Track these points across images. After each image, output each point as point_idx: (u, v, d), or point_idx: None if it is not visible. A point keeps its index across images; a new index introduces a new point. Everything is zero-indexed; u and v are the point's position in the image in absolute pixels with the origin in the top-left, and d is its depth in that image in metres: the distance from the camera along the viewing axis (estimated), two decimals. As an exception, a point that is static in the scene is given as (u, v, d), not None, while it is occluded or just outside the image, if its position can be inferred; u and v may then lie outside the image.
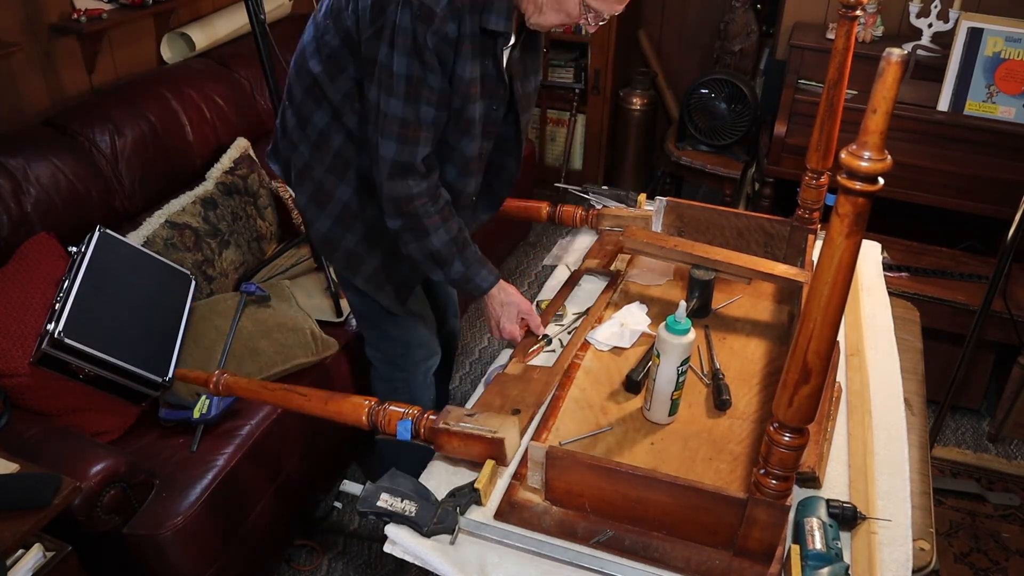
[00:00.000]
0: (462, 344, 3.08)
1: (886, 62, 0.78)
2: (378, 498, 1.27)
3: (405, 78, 1.42)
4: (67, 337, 1.78)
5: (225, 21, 2.91)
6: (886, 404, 1.53)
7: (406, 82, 1.42)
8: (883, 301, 1.83)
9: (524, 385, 1.49)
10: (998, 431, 2.70)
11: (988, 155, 2.75)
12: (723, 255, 1.68)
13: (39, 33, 2.35)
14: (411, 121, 1.45)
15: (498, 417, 1.36)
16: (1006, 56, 2.67)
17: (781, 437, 1.08)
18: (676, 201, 1.91)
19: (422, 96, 1.44)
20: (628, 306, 1.70)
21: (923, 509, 1.46)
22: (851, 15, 1.57)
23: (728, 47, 3.50)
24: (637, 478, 1.22)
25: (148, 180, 2.41)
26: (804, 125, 2.86)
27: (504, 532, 1.26)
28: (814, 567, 1.14)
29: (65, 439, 1.77)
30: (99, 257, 2.00)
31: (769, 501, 1.13)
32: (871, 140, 0.81)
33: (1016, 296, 2.58)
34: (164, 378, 1.95)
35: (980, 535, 2.39)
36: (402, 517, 1.26)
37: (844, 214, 0.87)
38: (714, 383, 1.52)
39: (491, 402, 1.45)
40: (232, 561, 1.92)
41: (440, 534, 1.26)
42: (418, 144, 1.48)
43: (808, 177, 1.81)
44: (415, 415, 1.39)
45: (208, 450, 1.92)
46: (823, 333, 0.96)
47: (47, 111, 2.40)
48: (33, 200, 2.10)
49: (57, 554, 1.53)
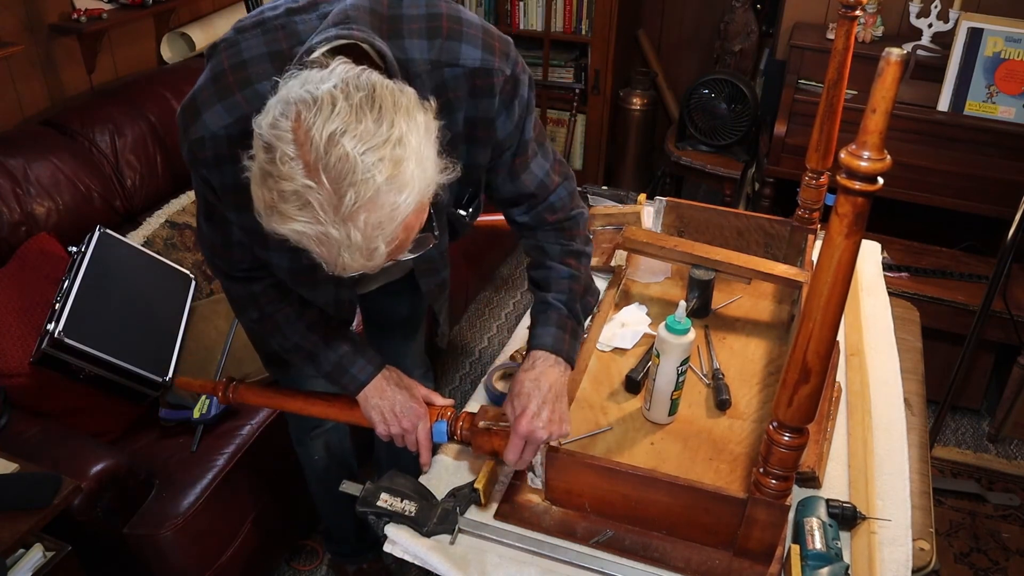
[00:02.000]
0: (462, 344, 3.08)
1: (885, 62, 0.78)
2: (378, 498, 1.27)
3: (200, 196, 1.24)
4: (67, 337, 1.78)
5: (225, 21, 2.91)
6: (886, 404, 1.53)
7: (202, 204, 1.25)
8: (883, 301, 1.83)
9: None
10: (998, 431, 2.70)
11: (988, 155, 2.75)
12: (723, 255, 1.68)
13: (39, 33, 2.35)
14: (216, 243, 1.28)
15: None
16: (1006, 56, 2.67)
17: (781, 437, 1.08)
18: (676, 201, 1.91)
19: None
20: (628, 307, 1.70)
21: (923, 509, 1.46)
22: (851, 15, 1.57)
23: (728, 47, 3.50)
24: (637, 478, 1.22)
25: (148, 180, 2.41)
26: (804, 125, 2.86)
27: (504, 532, 1.26)
28: (814, 567, 1.14)
29: (65, 439, 1.77)
30: (99, 257, 2.00)
31: (769, 501, 1.13)
32: (870, 140, 0.81)
33: (1016, 296, 2.58)
34: (164, 378, 1.95)
35: (980, 535, 2.39)
36: (402, 517, 1.25)
37: (844, 214, 0.87)
38: (714, 383, 1.52)
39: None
40: (232, 561, 1.92)
41: (440, 534, 1.26)
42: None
43: (808, 177, 1.81)
44: (450, 416, 1.36)
45: (208, 450, 1.92)
46: (823, 333, 0.96)
47: (47, 111, 2.40)
48: (33, 200, 2.10)
49: (57, 554, 1.53)
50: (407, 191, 0.92)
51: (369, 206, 0.89)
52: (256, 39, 1.09)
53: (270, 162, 0.90)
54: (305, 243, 0.93)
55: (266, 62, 1.07)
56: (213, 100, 1.07)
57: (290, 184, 0.89)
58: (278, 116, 0.90)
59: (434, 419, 1.36)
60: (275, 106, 0.91)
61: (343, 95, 0.90)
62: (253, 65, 1.08)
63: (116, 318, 1.95)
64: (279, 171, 0.89)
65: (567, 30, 3.68)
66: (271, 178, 0.90)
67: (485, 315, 3.25)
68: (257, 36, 1.10)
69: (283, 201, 0.90)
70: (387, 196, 0.90)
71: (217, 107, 1.07)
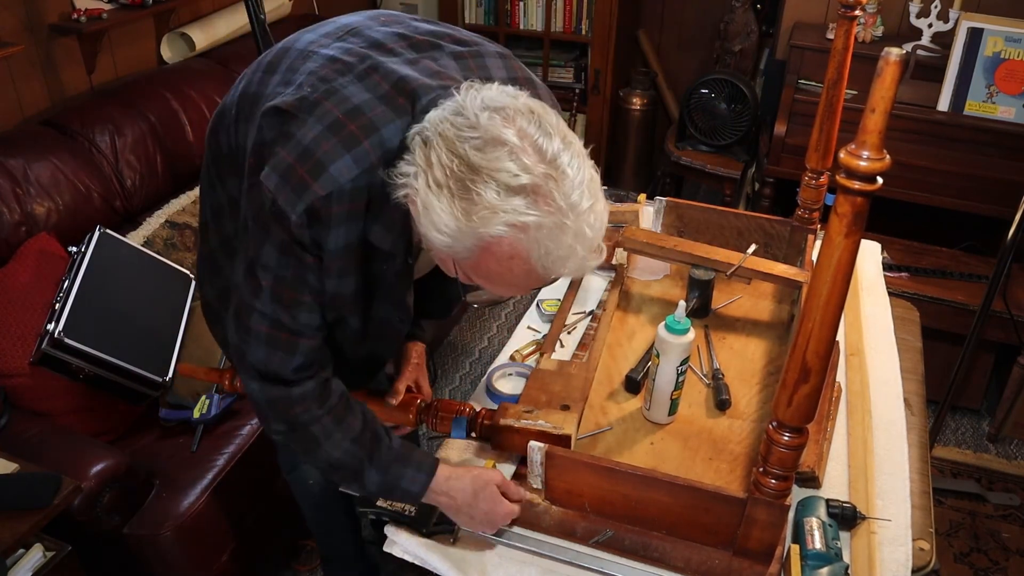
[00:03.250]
0: (462, 344, 3.08)
1: (884, 61, 0.78)
2: (377, 498, 1.27)
3: (273, 275, 1.07)
4: (67, 337, 1.78)
5: (225, 21, 2.91)
6: (886, 404, 1.53)
7: (274, 280, 1.08)
8: (883, 301, 1.83)
9: (565, 381, 1.47)
10: (998, 431, 2.70)
11: (988, 155, 2.75)
12: (723, 255, 1.68)
13: (39, 33, 2.35)
14: (284, 324, 1.10)
15: (557, 413, 1.35)
16: (1006, 56, 2.67)
17: (780, 436, 1.08)
18: (676, 201, 1.91)
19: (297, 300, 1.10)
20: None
21: (923, 509, 1.45)
22: (851, 15, 1.57)
23: (728, 47, 3.50)
24: (637, 478, 1.22)
25: (148, 180, 2.41)
26: (804, 125, 2.86)
27: (504, 532, 1.26)
28: (814, 567, 1.14)
29: (65, 439, 1.77)
30: (99, 257, 2.01)
31: (769, 501, 1.13)
32: (869, 139, 0.81)
33: (1016, 296, 2.58)
34: (164, 378, 1.95)
35: (980, 535, 2.39)
36: (402, 517, 1.25)
37: (843, 213, 0.87)
38: (714, 383, 1.52)
39: (536, 398, 1.42)
40: (232, 561, 1.92)
41: (440, 534, 1.26)
42: (294, 352, 1.12)
43: (808, 177, 1.81)
44: (469, 412, 1.36)
45: (208, 450, 1.92)
46: (822, 333, 0.96)
47: (47, 111, 2.40)
48: (33, 200, 2.10)
49: (57, 554, 1.53)
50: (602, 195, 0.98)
51: (595, 202, 0.95)
52: (354, 85, 1.03)
53: (495, 159, 0.91)
54: (526, 243, 0.93)
55: (380, 105, 1.01)
56: (339, 151, 0.99)
57: (525, 178, 0.91)
58: (485, 120, 0.92)
59: (453, 415, 1.36)
60: (479, 111, 0.93)
61: (535, 106, 0.96)
62: (369, 110, 1.01)
63: (116, 318, 1.95)
64: (508, 167, 0.90)
65: (567, 30, 3.68)
66: (495, 177, 0.91)
67: (485, 315, 3.25)
68: (353, 82, 1.03)
69: (512, 195, 0.91)
70: (601, 194, 0.97)
71: (345, 158, 0.99)
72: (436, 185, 0.93)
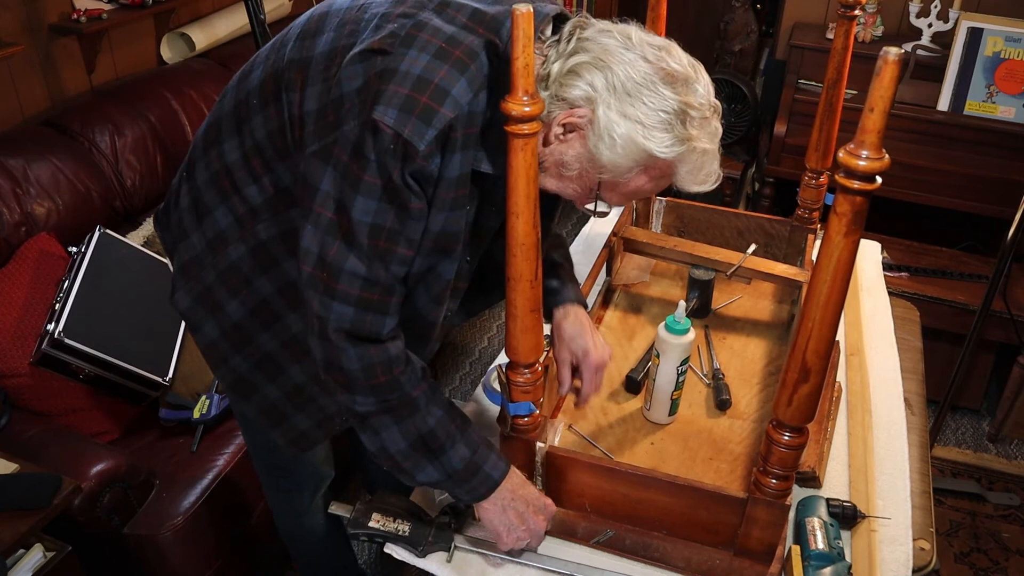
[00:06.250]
0: (462, 344, 3.08)
1: (883, 61, 0.78)
2: (369, 518, 1.22)
3: (369, 226, 1.03)
4: (67, 337, 1.78)
5: (225, 21, 2.91)
6: (886, 404, 1.53)
7: (370, 232, 1.03)
8: (883, 301, 1.83)
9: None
10: (998, 431, 2.70)
11: (988, 155, 2.75)
12: (723, 255, 1.68)
13: (39, 33, 2.35)
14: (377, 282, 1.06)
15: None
16: (1006, 56, 2.67)
17: (781, 436, 1.08)
18: (676, 201, 1.91)
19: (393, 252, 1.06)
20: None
21: (923, 509, 1.45)
22: (850, 15, 1.57)
23: (728, 47, 3.50)
24: (637, 478, 1.22)
25: (148, 180, 2.41)
26: (804, 125, 2.86)
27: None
28: (817, 566, 1.14)
29: (65, 439, 1.77)
30: (99, 257, 2.01)
31: (769, 500, 1.13)
32: (869, 139, 0.81)
33: (1016, 296, 2.58)
34: (164, 378, 1.95)
35: (980, 535, 2.39)
36: (396, 537, 1.22)
37: (842, 213, 0.87)
38: (714, 383, 1.52)
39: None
40: (232, 561, 1.92)
41: (436, 551, 1.23)
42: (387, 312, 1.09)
43: (808, 177, 1.81)
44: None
45: (208, 450, 1.92)
46: (822, 332, 0.96)
47: (47, 111, 2.40)
48: (33, 200, 2.10)
49: (57, 554, 1.53)
50: None
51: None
52: (438, 18, 1.04)
53: (687, 93, 1.04)
54: (682, 162, 1.06)
55: (468, 34, 1.03)
56: (455, 75, 1.00)
57: (697, 109, 1.04)
58: (654, 55, 1.04)
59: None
60: (645, 46, 1.05)
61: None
62: (463, 38, 1.02)
63: (116, 318, 1.95)
64: (688, 100, 1.03)
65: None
66: (680, 106, 1.03)
67: (485, 315, 3.25)
68: (433, 16, 1.04)
69: (688, 121, 1.04)
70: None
71: (461, 81, 1.00)
72: (620, 112, 1.02)
